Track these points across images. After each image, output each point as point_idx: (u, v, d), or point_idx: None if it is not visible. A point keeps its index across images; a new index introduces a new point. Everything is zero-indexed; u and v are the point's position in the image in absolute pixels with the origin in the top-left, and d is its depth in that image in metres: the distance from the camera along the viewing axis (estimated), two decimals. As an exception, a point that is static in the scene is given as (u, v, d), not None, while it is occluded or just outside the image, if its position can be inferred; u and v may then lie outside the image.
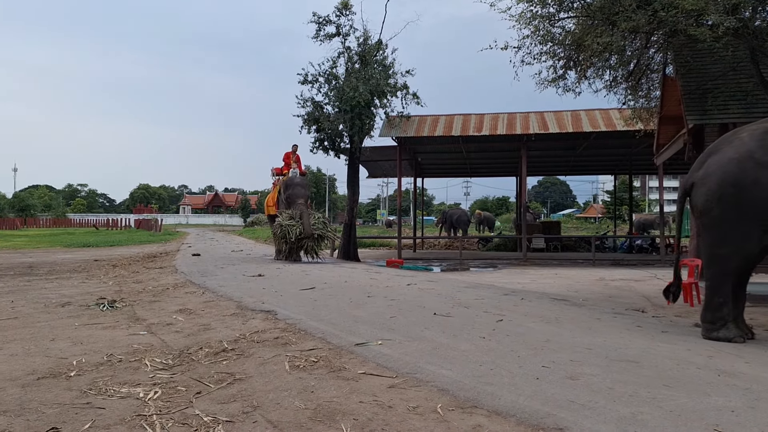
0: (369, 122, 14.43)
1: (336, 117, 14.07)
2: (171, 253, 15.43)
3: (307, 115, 14.67)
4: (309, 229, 11.50)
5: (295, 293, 6.57)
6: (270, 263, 11.69)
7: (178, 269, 10.05)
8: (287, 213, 11.87)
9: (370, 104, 14.20)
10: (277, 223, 11.85)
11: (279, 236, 11.73)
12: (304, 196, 12.12)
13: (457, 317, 5.00)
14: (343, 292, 6.71)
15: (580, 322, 5.00)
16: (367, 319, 4.86)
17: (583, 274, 11.31)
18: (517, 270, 12.79)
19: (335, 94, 14.22)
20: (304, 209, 11.83)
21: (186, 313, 5.28)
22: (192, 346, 3.87)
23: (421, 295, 6.57)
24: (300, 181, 12.30)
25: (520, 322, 4.85)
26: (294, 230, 11.51)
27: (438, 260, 15.93)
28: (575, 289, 8.39)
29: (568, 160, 20.05)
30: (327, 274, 9.13)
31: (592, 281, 9.89)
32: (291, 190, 12.16)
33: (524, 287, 8.48)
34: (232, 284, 7.54)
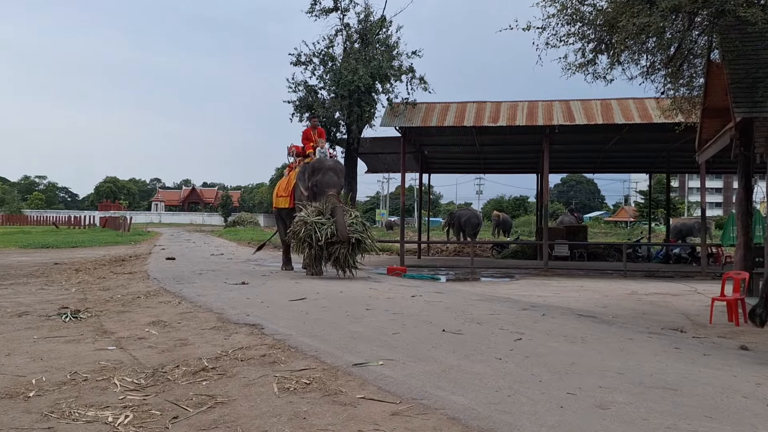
0: (369, 110, 14.49)
1: (332, 103, 14.13)
2: (142, 257, 15.45)
3: (299, 100, 14.73)
4: (344, 231, 9.67)
5: (284, 304, 6.59)
6: (255, 272, 11.71)
7: (151, 275, 10.07)
8: (313, 206, 10.23)
9: (370, 89, 14.25)
10: (299, 219, 10.09)
11: (300, 237, 9.98)
12: (336, 186, 10.49)
13: (469, 335, 5.01)
14: (339, 303, 6.73)
15: (609, 342, 5.00)
16: (367, 335, 4.87)
17: (613, 287, 11.32)
18: (536, 281, 12.79)
19: (331, 78, 14.28)
20: (336, 203, 10.14)
21: (160, 325, 5.30)
22: (167, 364, 3.88)
23: (427, 308, 6.57)
24: (333, 165, 10.69)
25: (541, 341, 4.86)
26: (323, 231, 9.72)
27: (446, 268, 15.94)
28: (604, 304, 8.40)
29: (597, 155, 20.05)
30: (320, 284, 9.13)
31: (623, 295, 9.90)
32: (319, 175, 10.51)
33: (545, 301, 8.48)
34: (212, 293, 7.55)
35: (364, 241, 9.97)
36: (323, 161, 10.74)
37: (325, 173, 10.52)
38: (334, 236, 9.70)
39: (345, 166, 15.38)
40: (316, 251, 9.90)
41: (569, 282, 12.47)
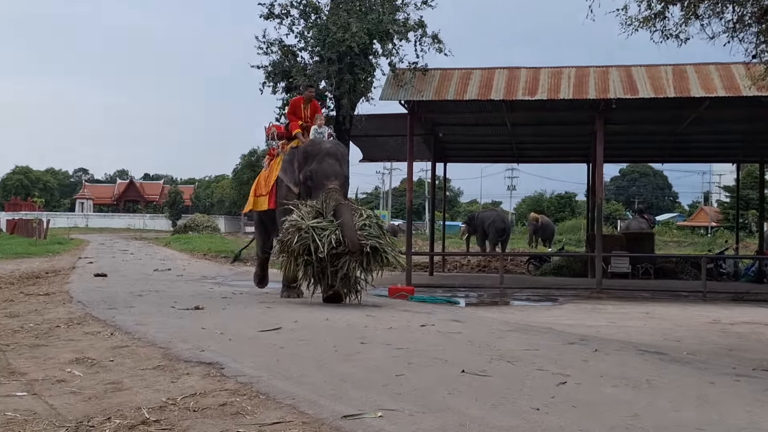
0: (365, 78, 14.51)
1: (316, 69, 14.15)
2: (62, 273, 15.46)
3: (273, 65, 14.75)
4: (354, 237, 9.20)
5: (252, 336, 6.58)
6: (214, 294, 11.69)
7: (74, 297, 10.07)
8: (309, 205, 9.75)
9: (367, 51, 14.28)
10: (291, 224, 9.47)
11: (293, 250, 9.38)
12: (339, 176, 10.12)
13: (497, 377, 5.00)
14: (324, 335, 6.73)
15: (684, 387, 5.00)
16: (360, 377, 4.87)
17: (689, 314, 11.30)
18: (587, 305, 12.76)
19: (315, 35, 14.31)
20: (341, 200, 9.71)
21: (86, 364, 5.29)
22: (95, 416, 3.88)
23: (441, 341, 6.57)
24: (332, 149, 10.40)
25: (592, 385, 4.86)
26: (326, 238, 9.15)
27: (466, 288, 15.93)
28: (676, 337, 8.39)
29: (667, 139, 20.06)
30: (299, 309, 9.09)
31: (702, 325, 9.89)
32: (314, 163, 10.18)
33: (598, 332, 8.47)
34: (156, 321, 7.55)
35: (382, 251, 9.46)
36: (319, 144, 10.42)
37: (323, 160, 10.13)
38: (341, 245, 9.18)
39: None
40: (320, 266, 9.32)
41: (630, 307, 12.43)
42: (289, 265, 9.61)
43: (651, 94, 14.66)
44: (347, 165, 10.58)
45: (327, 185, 9.87)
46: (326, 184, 9.89)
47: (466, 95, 15.24)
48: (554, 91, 15.08)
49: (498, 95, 15.10)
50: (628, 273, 18.62)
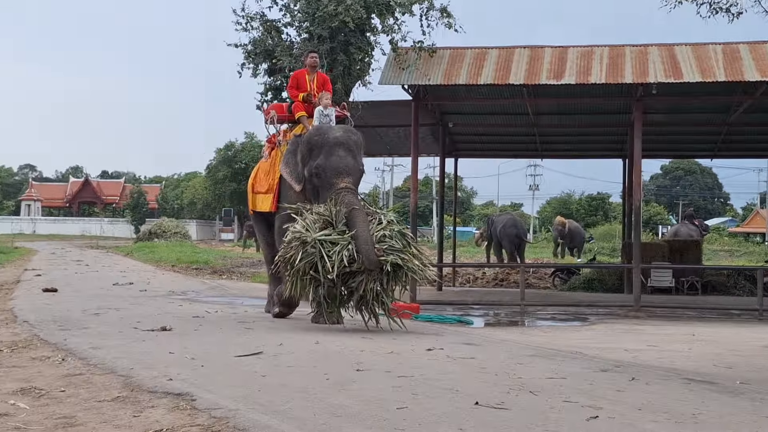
0: (362, 58, 14.52)
1: (304, 48, 14.14)
2: (5, 287, 15.44)
3: (253, 43, 14.75)
4: (370, 253, 8.72)
5: (229, 362, 6.58)
6: (183, 312, 11.66)
7: (19, 316, 10.06)
8: (316, 212, 9.30)
9: (364, 27, 14.29)
10: (293, 236, 9.10)
11: (298, 269, 8.95)
12: (352, 172, 9.73)
13: (517, 410, 5.00)
14: (314, 361, 6.72)
15: (736, 423, 5.00)
16: (356, 410, 4.86)
17: (743, 336, 11.29)
18: (622, 325, 12.75)
19: (303, 8, 14.32)
20: (354, 204, 9.23)
21: (33, 394, 5.29)
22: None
23: (451, 368, 6.56)
24: (342, 137, 9.87)
25: (629, 420, 4.85)
26: (336, 255, 8.74)
27: (481, 306, 15.93)
28: (728, 363, 8.38)
29: (717, 130, 20.12)
30: (283, 328, 9.08)
31: (758, 349, 9.90)
32: (321, 157, 9.67)
33: (636, 358, 8.46)
34: (116, 344, 7.54)
35: (406, 266, 9.07)
36: (326, 131, 9.87)
37: (331, 152, 9.62)
38: (355, 262, 8.76)
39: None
40: (330, 287, 8.95)
41: (673, 327, 12.41)
42: (294, 285, 9.20)
43: (698, 77, 14.68)
44: (361, 156, 10.07)
45: (337, 184, 9.41)
46: (336, 183, 9.43)
47: (480, 79, 15.26)
48: (584, 74, 15.11)
49: (518, 79, 15.13)
50: (671, 288, 18.64)
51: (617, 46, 16.20)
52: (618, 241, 37.60)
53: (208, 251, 35.62)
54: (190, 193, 70.37)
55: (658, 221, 67.95)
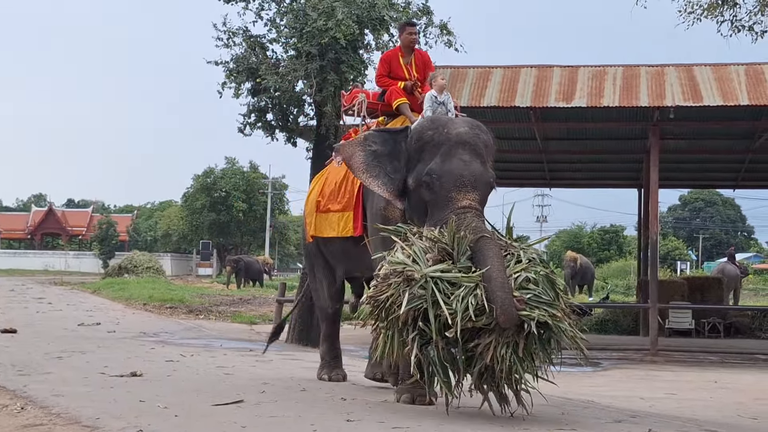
0: (354, 78, 14.53)
1: (291, 66, 14.19)
2: (-40, 327, 15.35)
3: (235, 60, 14.77)
4: (509, 305, 6.38)
5: (206, 412, 6.51)
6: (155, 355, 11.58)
7: (-26, 359, 9.98)
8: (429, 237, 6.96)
9: (356, 43, 14.33)
10: (393, 268, 6.75)
11: (397, 318, 6.58)
12: (479, 185, 7.38)
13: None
14: (299, 409, 6.67)
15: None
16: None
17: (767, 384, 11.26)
18: (638, 371, 12.69)
19: (290, 23, 14.36)
20: (484, 231, 7.01)
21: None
22: None
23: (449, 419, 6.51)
24: (467, 134, 7.57)
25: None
26: (460, 302, 6.47)
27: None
28: (753, 414, 8.35)
29: (740, 158, 20.16)
30: (266, 373, 9.04)
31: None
32: (439, 159, 7.37)
33: (653, 407, 8.42)
34: (81, 391, 7.45)
35: (557, 328, 6.85)
36: (445, 124, 7.70)
37: (452, 152, 7.40)
38: (485, 315, 6.58)
39: (315, 174, 15.29)
40: (442, 349, 6.75)
41: (693, 374, 12.37)
42: (388, 341, 6.77)
43: (719, 101, 14.71)
44: (491, 163, 7.84)
45: (457, 200, 7.19)
46: (455, 199, 7.20)
47: (483, 100, 15.30)
48: (596, 97, 15.16)
49: (525, 101, 15.17)
50: (691, 330, 18.59)
51: (632, 66, 16.26)
52: (633, 278, 37.54)
53: (184, 288, 35.46)
54: (164, 224, 70.12)
55: (677, 257, 68.01)
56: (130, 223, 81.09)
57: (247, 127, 14.89)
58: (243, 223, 60.49)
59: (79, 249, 77.87)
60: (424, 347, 6.62)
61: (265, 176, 61.94)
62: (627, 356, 14.95)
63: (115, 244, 70.36)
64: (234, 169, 60.43)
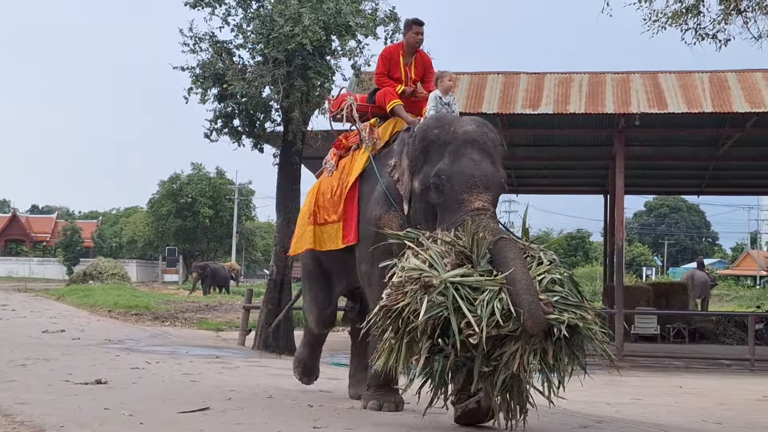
0: (322, 84, 14.52)
1: (258, 72, 14.15)
2: None
3: (202, 66, 14.71)
4: (537, 309, 5.86)
5: (172, 419, 6.50)
6: (120, 362, 11.53)
7: (-67, 367, 9.87)
8: (445, 239, 6.48)
9: (323, 49, 14.31)
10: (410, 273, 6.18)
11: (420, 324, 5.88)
12: (491, 186, 6.93)
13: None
14: (266, 416, 6.67)
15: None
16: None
17: (732, 389, 11.35)
18: (603, 377, 12.72)
19: (257, 29, 14.33)
20: (502, 233, 6.56)
21: (-50, 456, 5.18)
22: None
23: (422, 424, 6.53)
24: (475, 132, 7.17)
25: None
26: (484, 308, 5.96)
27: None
28: (717, 419, 8.42)
29: (704, 165, 20.35)
30: (232, 380, 9.00)
31: (750, 403, 9.95)
32: (447, 159, 6.95)
33: (619, 413, 8.48)
34: (45, 399, 7.40)
35: (587, 331, 6.34)
36: (452, 122, 7.29)
37: (461, 152, 6.99)
38: (511, 321, 6.10)
39: (280, 180, 15.37)
40: (458, 359, 6.13)
41: (658, 379, 12.45)
42: (395, 352, 6.17)
43: (684, 108, 14.85)
44: (501, 162, 7.35)
45: (469, 202, 6.72)
46: (467, 201, 6.73)
47: (450, 107, 15.32)
48: (562, 104, 15.24)
49: (491, 107, 15.23)
50: (657, 335, 18.71)
51: (598, 73, 16.38)
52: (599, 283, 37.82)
53: (150, 295, 35.20)
54: (129, 230, 69.59)
55: (642, 262, 68.50)
56: (95, 229, 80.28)
57: (214, 133, 14.81)
58: (209, 229, 60.13)
59: (43, 255, 77.03)
60: (436, 360, 6.09)
61: (231, 182, 61.61)
62: (593, 361, 15.00)
63: (80, 251, 69.62)
64: (200, 175, 60.07)
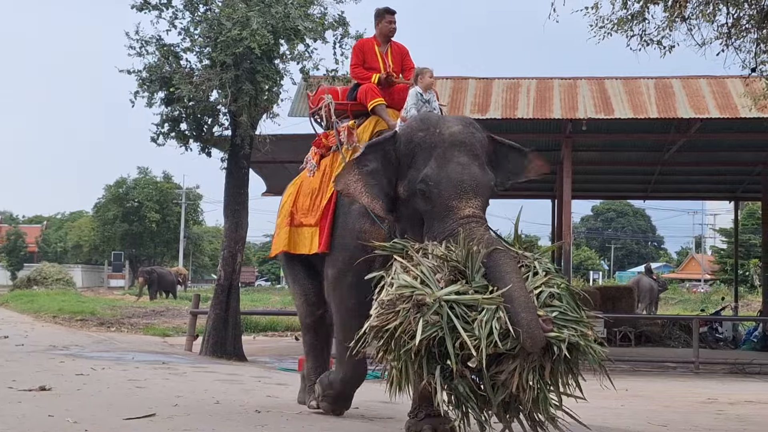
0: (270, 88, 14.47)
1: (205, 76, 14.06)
2: None
3: (148, 70, 14.58)
4: (535, 327, 5.64)
5: (116, 426, 6.45)
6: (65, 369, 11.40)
7: None
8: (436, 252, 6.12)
9: (272, 54, 14.26)
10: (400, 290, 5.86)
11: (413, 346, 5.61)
12: (480, 192, 6.51)
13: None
14: (213, 422, 6.63)
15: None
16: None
17: (677, 391, 11.48)
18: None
19: (204, 32, 14.24)
20: (495, 240, 6.27)
21: None
22: None
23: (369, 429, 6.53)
24: (460, 133, 6.67)
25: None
26: (483, 328, 5.69)
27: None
28: (662, 421, 8.50)
29: (650, 170, 20.55)
30: (179, 386, 8.93)
31: (695, 405, 10.08)
32: (433, 163, 6.54)
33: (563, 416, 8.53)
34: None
35: (586, 348, 6.12)
36: (437, 123, 6.83)
37: (448, 156, 6.59)
38: (509, 340, 5.78)
39: (228, 185, 15.26)
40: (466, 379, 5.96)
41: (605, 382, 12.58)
42: (402, 374, 5.91)
43: (630, 114, 14.99)
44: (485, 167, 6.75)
45: (458, 209, 6.35)
46: (457, 208, 6.36)
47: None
48: (510, 109, 15.32)
49: (439, 112, 15.24)
50: (603, 339, 18.84)
51: (545, 79, 16.48)
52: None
53: (95, 300, 34.82)
54: (75, 235, 68.70)
55: (589, 266, 69.12)
56: (39, 234, 79.29)
57: (161, 137, 14.65)
58: (156, 233, 59.80)
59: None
60: (448, 379, 5.75)
61: (179, 186, 61.30)
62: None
63: (24, 256, 68.76)
64: (147, 179, 59.65)
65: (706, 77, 15.96)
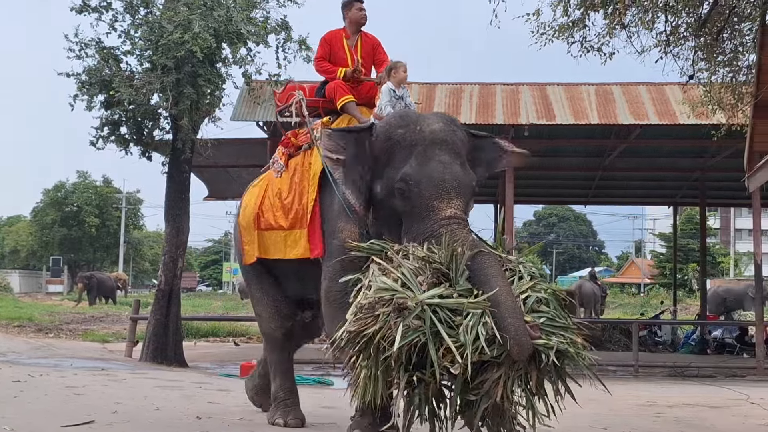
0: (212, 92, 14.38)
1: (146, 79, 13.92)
2: None
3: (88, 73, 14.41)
4: (522, 334, 5.41)
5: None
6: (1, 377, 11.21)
7: None
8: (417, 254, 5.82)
9: (214, 57, 14.17)
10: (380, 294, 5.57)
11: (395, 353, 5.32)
12: (461, 192, 6.27)
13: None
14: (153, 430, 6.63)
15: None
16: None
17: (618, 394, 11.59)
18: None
19: (145, 35, 14.11)
20: (480, 245, 5.97)
21: None
22: None
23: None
24: (441, 131, 6.41)
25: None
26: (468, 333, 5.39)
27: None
28: (603, 425, 8.60)
29: (591, 176, 20.76)
30: (118, 393, 8.84)
31: (634, 408, 10.20)
32: (414, 161, 6.27)
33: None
34: None
35: (574, 354, 5.83)
36: (416, 121, 6.56)
37: (428, 154, 6.31)
38: (494, 347, 5.45)
39: (169, 189, 15.10)
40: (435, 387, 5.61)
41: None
42: (370, 382, 5.61)
43: (570, 119, 15.16)
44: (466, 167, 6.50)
45: (439, 209, 6.11)
46: (438, 208, 6.12)
47: (338, 117, 15.31)
48: (453, 114, 15.17)
49: (383, 117, 15.24)
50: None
51: (488, 84, 16.59)
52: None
53: (33, 306, 34.25)
54: (12, 240, 67.57)
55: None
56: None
57: (100, 141, 14.47)
58: (96, 238, 59.08)
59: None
60: (416, 388, 5.51)
61: (119, 191, 60.63)
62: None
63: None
64: (86, 183, 58.88)
65: (646, 84, 16.18)
